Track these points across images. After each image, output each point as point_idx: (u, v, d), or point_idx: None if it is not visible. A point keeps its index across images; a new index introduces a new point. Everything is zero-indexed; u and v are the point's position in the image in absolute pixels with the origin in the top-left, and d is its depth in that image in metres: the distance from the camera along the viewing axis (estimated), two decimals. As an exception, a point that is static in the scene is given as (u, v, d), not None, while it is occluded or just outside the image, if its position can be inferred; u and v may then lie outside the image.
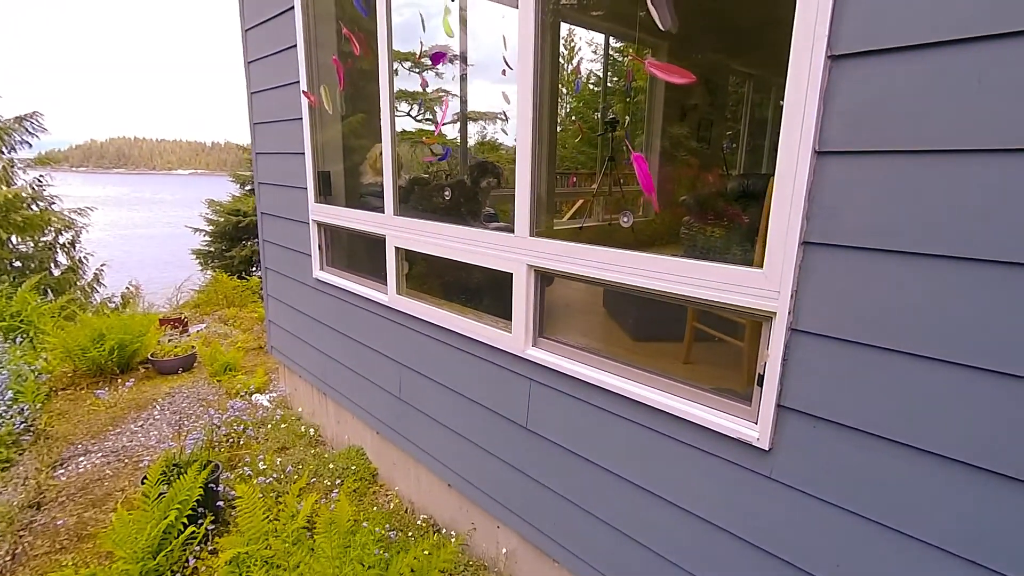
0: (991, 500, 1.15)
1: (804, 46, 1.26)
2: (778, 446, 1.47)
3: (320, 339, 3.57)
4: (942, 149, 1.12)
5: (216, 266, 10.29)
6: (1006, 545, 1.14)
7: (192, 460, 2.87)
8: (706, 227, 3.59)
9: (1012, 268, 1.07)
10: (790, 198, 1.33)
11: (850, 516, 1.36)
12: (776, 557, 1.51)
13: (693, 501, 1.69)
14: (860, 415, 1.31)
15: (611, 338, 2.66)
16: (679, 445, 1.69)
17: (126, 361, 4.93)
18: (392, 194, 2.68)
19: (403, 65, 2.95)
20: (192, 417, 4.12)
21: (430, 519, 2.89)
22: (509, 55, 3.10)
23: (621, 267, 1.73)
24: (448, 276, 2.74)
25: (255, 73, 3.84)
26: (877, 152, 1.21)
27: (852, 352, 1.30)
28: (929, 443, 1.21)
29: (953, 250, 1.13)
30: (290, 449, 3.60)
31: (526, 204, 1.99)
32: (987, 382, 1.12)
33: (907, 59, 1.15)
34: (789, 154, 1.31)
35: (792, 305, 1.37)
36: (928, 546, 1.24)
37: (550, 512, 2.16)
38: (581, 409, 1.96)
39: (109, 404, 4.32)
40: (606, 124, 4.83)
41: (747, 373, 1.63)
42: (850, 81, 1.22)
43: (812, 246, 1.33)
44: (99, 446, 3.73)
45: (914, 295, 1.19)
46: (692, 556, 1.72)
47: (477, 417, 2.43)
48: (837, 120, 1.25)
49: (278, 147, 3.71)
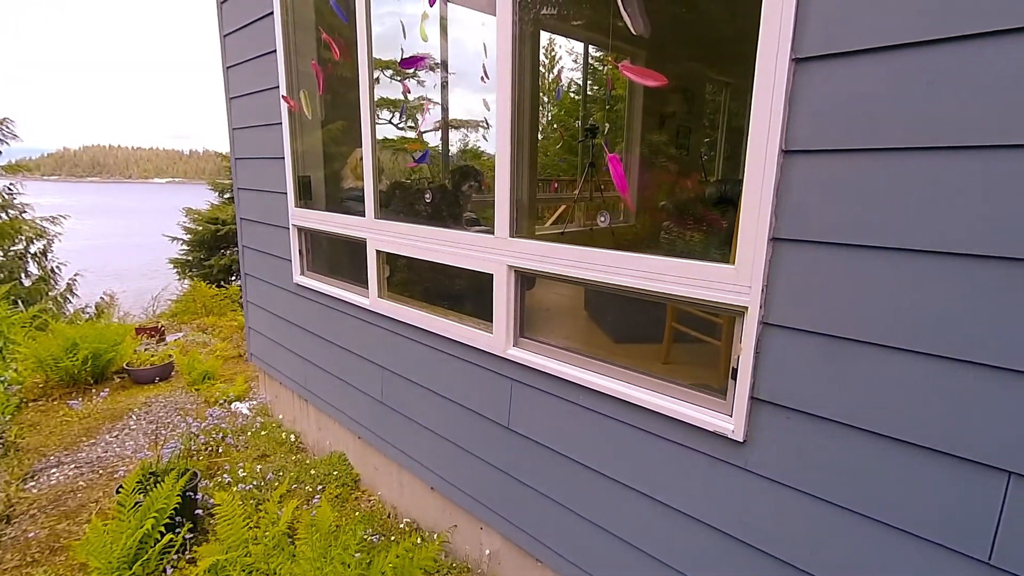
0: (957, 484, 1.20)
1: (770, 49, 1.31)
2: (752, 438, 1.50)
3: (301, 345, 3.54)
4: (898, 147, 1.18)
5: (194, 275, 10.13)
6: (972, 527, 1.19)
7: (169, 468, 2.82)
8: (685, 231, 3.65)
9: (968, 259, 1.12)
10: (759, 196, 1.37)
11: (823, 504, 1.39)
12: (751, 547, 1.55)
13: (672, 495, 1.72)
14: (831, 405, 1.35)
15: (592, 340, 2.69)
16: (658, 440, 1.72)
17: (100, 371, 4.82)
18: (373, 198, 2.69)
19: (384, 73, 2.97)
20: (169, 426, 4.04)
21: (413, 523, 2.87)
22: (490, 63, 3.15)
23: (599, 265, 1.76)
24: (429, 280, 2.75)
25: (234, 78, 3.83)
26: (840, 151, 1.26)
27: (821, 344, 1.34)
28: (898, 431, 1.25)
29: (912, 244, 1.18)
30: (271, 456, 3.56)
31: (505, 205, 2.02)
32: (951, 370, 1.17)
33: (865, 62, 1.20)
34: (757, 153, 1.36)
35: (763, 299, 1.42)
36: (897, 530, 1.29)
37: (533, 511, 2.17)
38: (562, 408, 1.99)
39: (83, 415, 4.22)
40: (586, 131, 4.89)
41: (723, 369, 1.67)
42: (813, 83, 1.28)
43: (781, 242, 1.38)
44: (72, 457, 3.64)
45: (878, 287, 1.24)
46: (671, 549, 1.75)
47: (459, 419, 2.44)
48: (802, 120, 1.30)
49: (258, 152, 3.69)
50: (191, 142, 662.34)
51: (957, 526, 1.20)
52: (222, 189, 10.88)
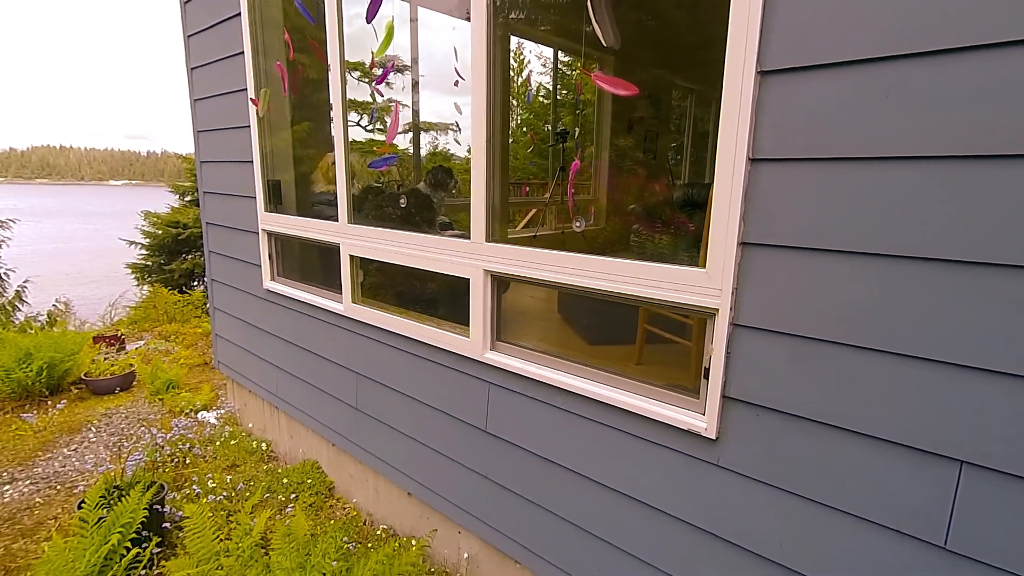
0: (915, 475, 1.27)
1: (737, 62, 1.37)
2: (724, 435, 1.56)
3: (271, 352, 3.48)
4: (859, 156, 1.24)
5: (154, 280, 9.79)
6: (929, 515, 1.26)
7: (135, 482, 2.73)
8: (654, 234, 3.73)
9: (928, 263, 1.19)
10: (728, 202, 1.43)
11: (792, 497, 1.45)
12: (725, 540, 1.60)
13: (648, 493, 1.76)
14: (798, 402, 1.41)
15: (566, 343, 2.73)
16: (634, 440, 1.76)
17: (57, 382, 4.62)
18: (346, 202, 2.67)
19: (352, 74, 2.95)
20: (132, 438, 3.90)
21: (390, 529, 2.86)
22: (461, 66, 3.16)
23: (575, 270, 1.80)
24: (402, 285, 2.74)
25: (199, 80, 3.73)
26: (804, 159, 1.32)
27: (788, 344, 1.40)
28: (860, 425, 1.32)
29: (870, 248, 1.25)
30: (241, 466, 3.48)
31: (481, 210, 2.03)
32: (908, 367, 1.24)
33: (825, 76, 1.27)
34: (726, 161, 1.42)
35: (733, 301, 1.47)
36: (860, 520, 1.35)
37: (511, 514, 2.19)
38: (540, 410, 2.01)
39: (38, 428, 4.04)
40: (557, 135, 4.95)
41: (695, 370, 1.73)
42: (778, 95, 1.34)
43: (749, 246, 1.43)
44: (27, 473, 3.48)
45: (839, 289, 1.31)
46: (648, 546, 1.79)
47: (437, 423, 2.44)
48: (768, 130, 1.36)
49: (225, 156, 3.61)
50: (148, 143, 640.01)
51: (915, 514, 1.28)
52: (183, 191, 10.54)
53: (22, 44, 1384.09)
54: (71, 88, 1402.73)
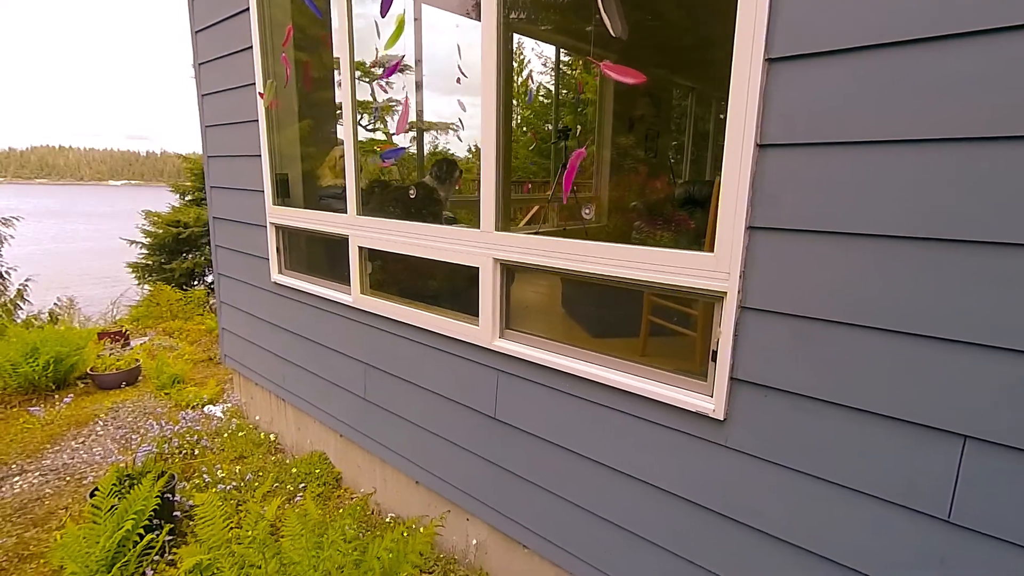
0: (919, 450, 1.30)
1: (744, 50, 1.41)
2: (732, 416, 1.59)
3: (278, 344, 3.51)
4: (862, 141, 1.28)
5: (155, 280, 9.80)
6: (933, 489, 1.29)
7: (145, 471, 2.76)
8: (655, 231, 3.77)
9: (928, 243, 1.23)
10: (736, 187, 1.46)
11: (800, 476, 1.49)
12: (733, 520, 1.63)
13: (656, 474, 1.79)
14: (804, 382, 1.45)
15: (570, 336, 2.75)
16: (642, 423, 1.80)
17: (63, 376, 4.65)
18: (355, 194, 2.71)
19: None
20: (140, 431, 3.93)
21: (398, 518, 2.89)
22: (466, 63, 3.19)
23: (585, 257, 1.83)
24: (408, 277, 2.77)
25: (206, 75, 3.77)
26: (809, 144, 1.36)
27: (794, 324, 1.44)
28: (865, 403, 1.36)
29: (877, 229, 1.29)
30: (248, 458, 3.51)
31: (491, 199, 2.07)
32: (911, 344, 1.28)
33: (830, 62, 1.30)
34: (734, 147, 1.45)
35: (741, 284, 1.51)
36: (866, 496, 1.39)
37: (520, 499, 2.22)
38: (549, 395, 2.05)
39: (45, 421, 4.06)
40: (558, 133, 4.99)
41: (699, 357, 1.76)
42: (785, 81, 1.38)
43: (756, 230, 1.47)
44: (36, 465, 3.51)
45: (843, 270, 1.35)
46: (656, 527, 1.82)
47: (445, 412, 2.47)
48: (775, 116, 1.40)
49: (233, 150, 3.64)
50: (148, 143, 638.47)
51: (920, 488, 1.31)
52: (183, 191, 10.56)
53: (22, 44, 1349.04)
54: (71, 88, 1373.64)
